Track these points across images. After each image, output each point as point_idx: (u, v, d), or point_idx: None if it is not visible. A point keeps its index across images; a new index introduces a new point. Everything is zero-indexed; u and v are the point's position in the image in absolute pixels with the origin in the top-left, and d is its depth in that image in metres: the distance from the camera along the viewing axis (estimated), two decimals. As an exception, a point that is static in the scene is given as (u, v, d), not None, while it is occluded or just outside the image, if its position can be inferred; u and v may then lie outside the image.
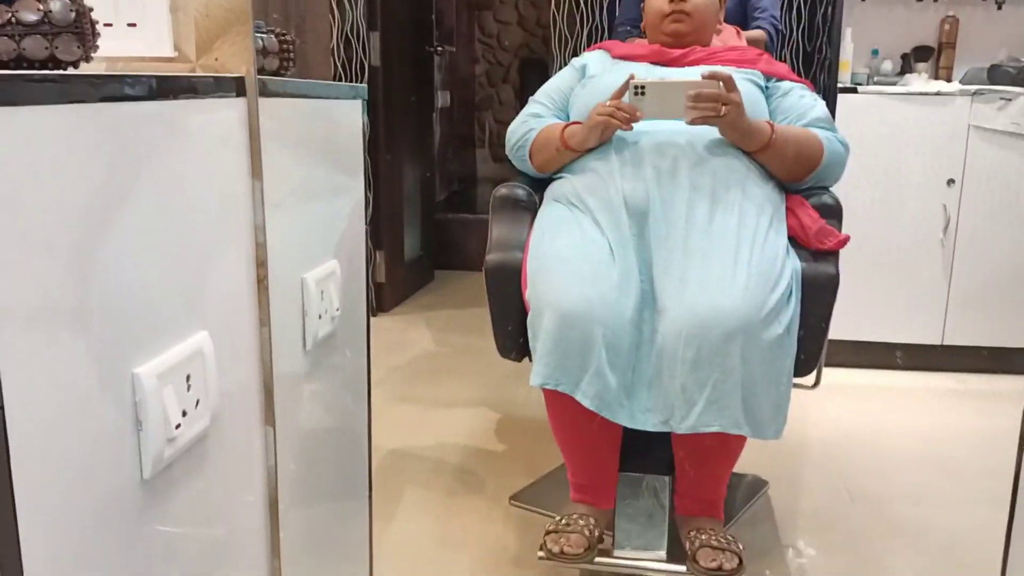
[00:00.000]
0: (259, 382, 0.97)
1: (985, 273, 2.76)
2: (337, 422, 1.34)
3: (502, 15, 5.99)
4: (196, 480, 0.84)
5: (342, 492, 1.38)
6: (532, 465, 2.06)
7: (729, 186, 1.51)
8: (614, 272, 1.42)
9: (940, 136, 2.71)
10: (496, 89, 6.14)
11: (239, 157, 0.94)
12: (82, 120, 0.67)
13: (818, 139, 1.62)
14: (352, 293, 1.34)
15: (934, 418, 2.47)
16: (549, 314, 1.38)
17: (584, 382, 1.36)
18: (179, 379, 0.78)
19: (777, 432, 1.38)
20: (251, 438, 0.96)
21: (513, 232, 1.65)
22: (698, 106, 1.49)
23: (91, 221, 0.68)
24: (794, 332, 1.44)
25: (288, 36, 1.23)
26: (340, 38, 3.28)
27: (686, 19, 1.75)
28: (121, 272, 0.72)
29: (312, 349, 1.15)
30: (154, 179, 0.77)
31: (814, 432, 2.33)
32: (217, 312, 0.88)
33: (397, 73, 3.60)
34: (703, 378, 1.32)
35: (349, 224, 1.35)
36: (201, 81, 0.88)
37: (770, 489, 1.96)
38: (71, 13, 0.73)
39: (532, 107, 1.81)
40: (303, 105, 1.17)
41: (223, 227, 0.91)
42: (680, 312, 1.36)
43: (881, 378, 2.81)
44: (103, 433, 0.70)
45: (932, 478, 2.06)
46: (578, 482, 1.57)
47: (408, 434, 2.28)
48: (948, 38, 3.04)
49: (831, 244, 1.53)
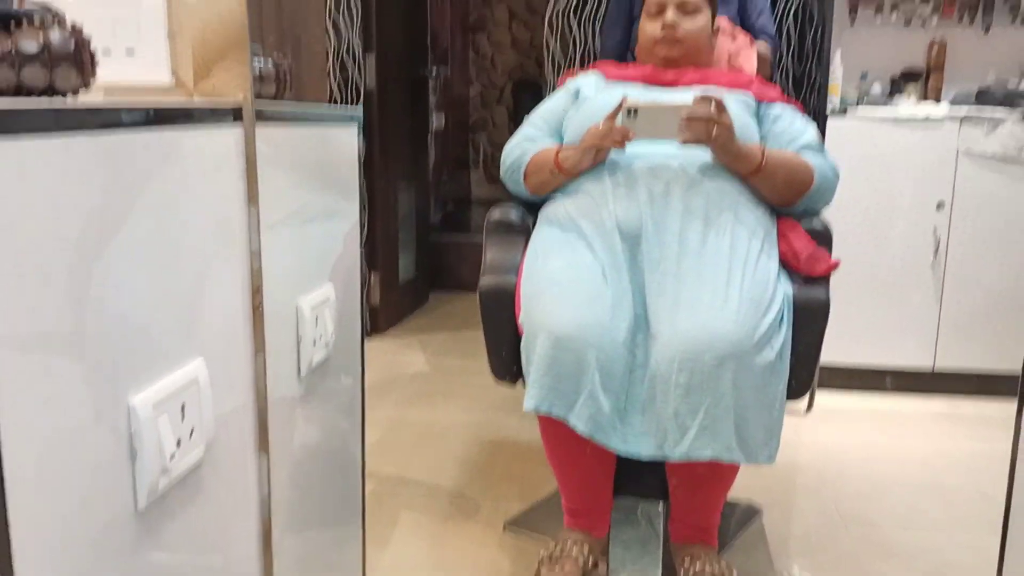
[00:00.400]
0: (254, 409, 0.97)
1: (976, 297, 2.78)
2: (331, 448, 1.34)
3: (496, 37, 6.03)
4: (190, 510, 0.84)
5: (336, 518, 1.37)
6: (527, 490, 2.06)
7: (721, 209, 1.52)
8: (607, 295, 1.42)
9: (929, 160, 2.74)
10: (490, 111, 6.17)
11: (235, 183, 0.95)
12: (79, 149, 0.68)
13: (808, 164, 1.63)
14: (347, 317, 1.34)
15: (926, 442, 2.47)
16: (542, 337, 1.38)
17: (577, 406, 1.35)
18: (174, 408, 0.78)
19: (770, 457, 1.38)
20: (245, 466, 0.96)
21: (507, 255, 1.66)
22: (690, 127, 1.51)
23: (87, 249, 0.68)
24: (786, 357, 1.44)
25: (284, 61, 1.24)
26: (336, 60, 3.30)
27: (677, 44, 1.76)
28: (117, 300, 0.72)
29: (307, 375, 1.15)
30: (150, 206, 0.77)
31: (807, 456, 2.33)
32: (212, 339, 0.88)
33: (392, 95, 3.62)
34: (695, 403, 1.32)
35: (344, 248, 1.35)
36: (198, 108, 0.88)
37: (763, 514, 1.96)
38: (70, 43, 0.74)
39: (526, 129, 1.82)
40: (299, 130, 1.18)
41: (219, 253, 0.91)
42: (672, 337, 1.36)
43: (873, 402, 2.81)
44: (98, 463, 0.69)
45: (924, 502, 2.06)
46: (572, 507, 1.57)
47: (402, 458, 2.27)
48: (936, 61, 3.07)
49: (822, 269, 1.54)
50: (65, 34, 0.73)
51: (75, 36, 0.74)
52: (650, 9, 1.79)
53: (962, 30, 3.07)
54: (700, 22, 1.77)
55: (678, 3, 1.76)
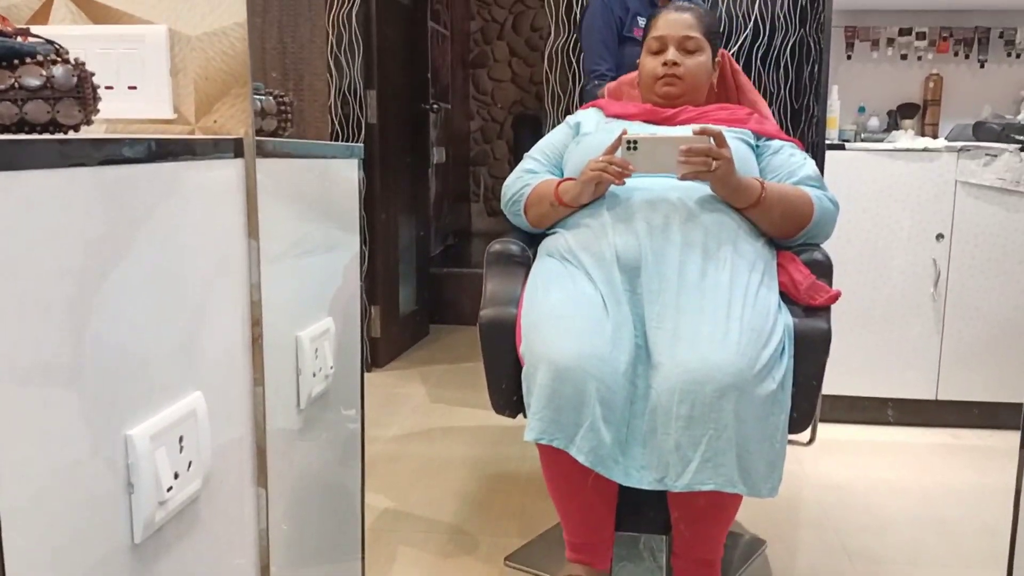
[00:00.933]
0: (252, 442, 0.96)
1: (977, 327, 2.78)
2: (330, 482, 1.33)
3: (496, 74, 6.10)
4: (187, 544, 0.83)
5: (334, 553, 1.36)
6: (527, 524, 2.04)
7: (721, 242, 1.53)
8: (607, 327, 1.42)
9: (928, 191, 2.75)
10: (491, 145, 6.22)
11: (236, 217, 0.95)
12: (81, 182, 0.68)
13: (808, 197, 1.64)
14: (347, 350, 1.34)
15: (929, 475, 2.45)
16: (543, 369, 1.38)
17: (579, 437, 1.35)
18: (172, 441, 0.78)
19: (772, 490, 1.37)
20: (243, 500, 0.95)
21: (507, 287, 1.66)
22: (689, 161, 1.52)
23: (87, 281, 0.68)
24: (787, 388, 1.44)
25: (286, 97, 1.25)
26: (338, 96, 3.33)
27: (678, 82, 1.78)
28: (116, 332, 0.72)
29: (306, 408, 1.15)
30: (151, 239, 0.78)
31: (810, 489, 2.31)
32: (211, 372, 0.88)
33: (393, 130, 3.65)
34: (697, 435, 1.32)
35: (344, 281, 1.36)
36: (199, 143, 0.89)
37: (767, 548, 1.94)
38: (73, 78, 0.75)
39: (527, 163, 1.84)
40: (300, 165, 1.19)
41: (219, 286, 0.91)
42: (673, 368, 1.36)
43: (876, 433, 2.79)
44: (95, 496, 0.69)
45: (929, 536, 2.04)
46: (574, 541, 1.55)
47: (401, 492, 2.25)
48: (933, 95, 3.10)
49: (822, 300, 1.54)
50: (68, 70, 0.74)
51: (78, 71, 0.75)
52: (651, 47, 1.81)
53: (957, 65, 3.11)
54: (701, 59, 1.79)
55: (679, 41, 1.78)
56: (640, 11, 2.54)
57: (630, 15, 2.54)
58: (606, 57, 2.56)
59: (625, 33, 2.56)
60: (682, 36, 1.77)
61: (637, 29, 2.53)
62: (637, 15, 2.54)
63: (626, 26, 2.56)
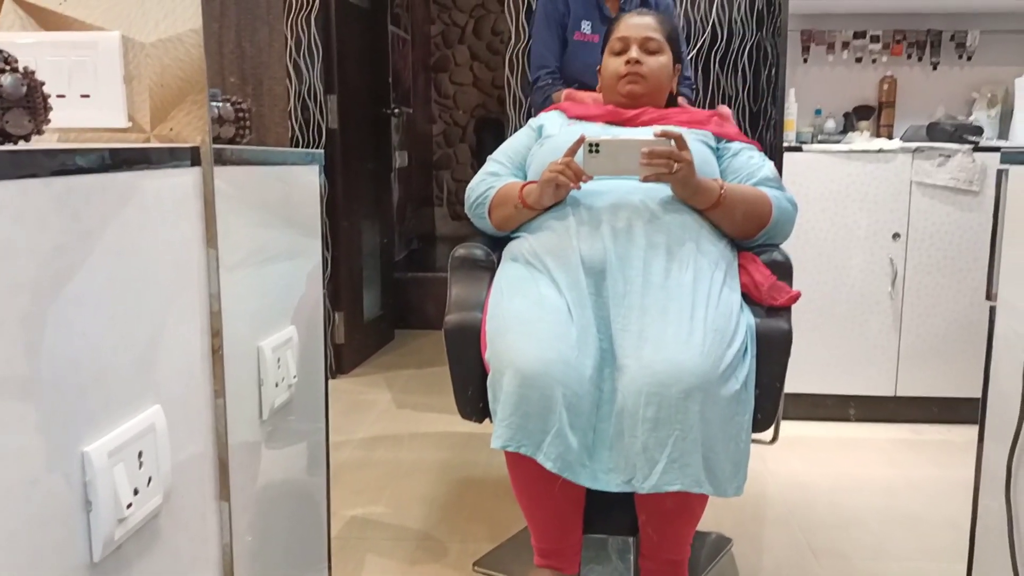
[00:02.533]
0: (213, 456, 0.95)
1: (934, 324, 2.83)
2: (295, 492, 1.31)
3: (458, 77, 6.09)
4: (148, 561, 0.81)
5: (301, 564, 1.34)
6: (495, 528, 2.03)
7: (684, 242, 1.54)
8: (572, 332, 1.43)
9: (884, 192, 2.80)
10: (453, 149, 6.21)
11: (193, 226, 0.94)
12: (33, 194, 0.67)
13: (767, 197, 1.66)
14: (310, 358, 1.32)
15: (891, 470, 2.50)
16: (509, 375, 1.38)
17: (546, 444, 1.35)
18: (131, 456, 0.76)
19: (738, 489, 1.38)
20: (205, 515, 0.94)
21: (472, 292, 1.66)
22: (651, 163, 1.53)
23: (41, 295, 0.67)
24: (751, 387, 1.45)
25: (244, 104, 1.24)
26: (297, 101, 3.30)
27: (641, 80, 1.79)
28: (72, 346, 0.70)
29: (269, 418, 1.13)
30: (106, 250, 0.76)
31: (774, 487, 2.34)
32: (170, 384, 0.86)
33: (355, 135, 3.62)
34: (663, 437, 1.33)
35: (307, 289, 1.34)
36: (155, 151, 0.87)
37: (733, 546, 1.95)
38: (23, 87, 0.73)
39: (490, 166, 1.83)
40: (259, 172, 1.17)
41: (177, 297, 0.89)
42: (639, 371, 1.37)
43: (838, 430, 2.84)
44: (51, 515, 0.67)
45: (892, 531, 2.07)
46: (542, 546, 1.55)
47: (368, 500, 2.23)
48: (887, 97, 3.16)
49: (783, 300, 1.56)
50: (17, 79, 0.72)
51: (28, 80, 0.73)
52: (613, 47, 1.83)
53: (911, 67, 3.17)
54: (662, 60, 1.81)
55: (641, 41, 1.79)
56: (585, 15, 2.56)
57: (572, 17, 2.56)
58: (548, 58, 2.58)
59: (568, 35, 2.58)
60: (644, 37, 1.79)
61: (579, 33, 2.55)
62: (581, 19, 2.56)
63: (569, 28, 2.58)
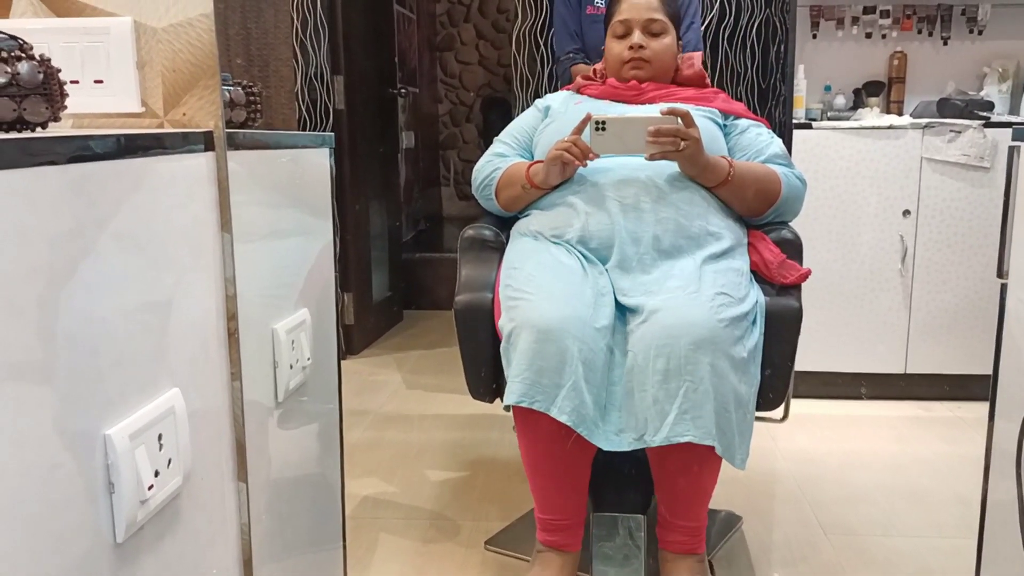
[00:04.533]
0: (231, 437, 0.96)
1: (944, 301, 2.83)
2: (310, 472, 1.33)
3: (464, 56, 6.06)
4: (169, 541, 0.83)
5: (316, 543, 1.36)
6: (507, 507, 2.05)
7: (692, 219, 1.55)
8: (587, 291, 1.44)
9: (894, 168, 2.78)
10: (460, 128, 6.19)
11: (208, 210, 0.94)
12: (50, 181, 0.67)
13: (776, 174, 1.66)
14: (323, 340, 1.33)
15: (901, 447, 2.50)
16: (526, 332, 1.39)
17: (560, 398, 1.35)
18: (151, 439, 0.77)
19: (743, 461, 1.39)
20: (224, 495, 0.95)
21: (481, 272, 1.66)
22: (658, 141, 1.53)
23: (59, 280, 0.68)
24: (757, 360, 1.46)
25: (255, 87, 1.24)
26: (304, 82, 3.29)
27: (645, 65, 1.79)
28: (90, 331, 0.71)
29: (284, 400, 1.14)
30: (122, 235, 0.77)
31: (784, 464, 2.35)
32: (188, 368, 0.87)
33: (361, 115, 3.62)
34: (674, 388, 1.34)
35: (318, 271, 1.35)
36: (169, 136, 0.88)
37: (744, 524, 1.97)
38: (39, 75, 0.73)
39: (497, 147, 1.83)
40: (271, 156, 1.18)
41: (192, 281, 0.90)
42: (648, 327, 1.39)
43: (847, 408, 2.84)
44: (75, 497, 0.68)
45: (902, 507, 2.08)
46: (546, 519, 1.54)
47: (381, 480, 2.25)
48: (897, 73, 3.13)
49: (793, 278, 1.57)
50: (34, 66, 0.73)
51: (44, 68, 0.74)
52: (616, 30, 1.81)
53: (921, 42, 3.14)
54: (666, 42, 1.80)
55: (644, 24, 1.78)
56: None
57: None
58: (571, 38, 2.60)
59: (583, 12, 2.59)
60: (647, 19, 1.78)
61: (591, 7, 2.56)
62: None
63: (582, 4, 2.59)
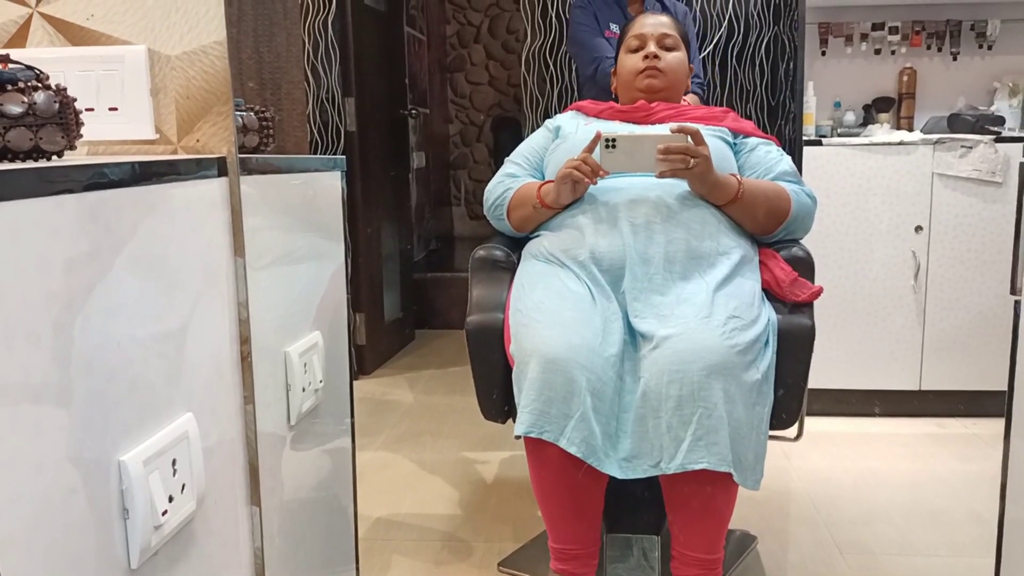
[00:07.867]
0: (244, 461, 0.96)
1: (957, 317, 2.81)
2: (322, 495, 1.33)
3: (474, 77, 6.10)
4: (183, 566, 0.83)
5: (328, 566, 1.36)
6: (520, 528, 2.04)
7: (703, 238, 1.55)
8: (596, 319, 1.44)
9: (905, 184, 2.78)
10: (470, 148, 6.22)
11: (221, 235, 0.95)
12: (66, 208, 0.68)
13: (786, 192, 1.66)
14: (335, 362, 1.34)
15: (916, 464, 2.48)
16: (534, 362, 1.38)
17: (569, 428, 1.35)
18: (165, 464, 0.77)
19: (756, 483, 1.38)
20: (237, 519, 0.95)
21: (493, 293, 1.66)
22: (668, 159, 1.53)
23: (75, 307, 0.68)
24: (771, 380, 1.45)
25: (267, 112, 1.25)
26: (316, 105, 3.32)
27: (659, 75, 1.80)
28: (105, 356, 0.72)
29: (296, 423, 1.15)
30: (137, 261, 0.78)
31: (799, 483, 2.33)
32: (201, 392, 0.88)
33: (373, 137, 3.64)
34: (687, 415, 1.33)
35: (331, 294, 1.36)
36: (183, 163, 0.89)
37: (759, 544, 1.95)
38: (55, 104, 0.74)
39: (508, 167, 1.84)
40: (283, 180, 1.19)
41: (206, 305, 0.91)
42: (661, 352, 1.38)
43: (862, 425, 2.82)
44: (89, 523, 0.69)
45: (918, 526, 2.06)
46: (559, 548, 1.53)
47: (393, 501, 2.25)
48: (907, 88, 3.13)
49: (805, 296, 1.56)
50: (50, 96, 0.74)
51: (60, 97, 0.75)
52: (630, 45, 1.84)
53: (930, 58, 3.14)
54: (679, 55, 1.83)
55: (658, 38, 1.81)
56: (611, 18, 2.68)
57: (601, 22, 2.66)
58: (600, 45, 2.65)
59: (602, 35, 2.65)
60: (660, 33, 1.81)
61: (608, 31, 2.63)
62: (609, 21, 2.68)
63: (600, 29, 2.66)
